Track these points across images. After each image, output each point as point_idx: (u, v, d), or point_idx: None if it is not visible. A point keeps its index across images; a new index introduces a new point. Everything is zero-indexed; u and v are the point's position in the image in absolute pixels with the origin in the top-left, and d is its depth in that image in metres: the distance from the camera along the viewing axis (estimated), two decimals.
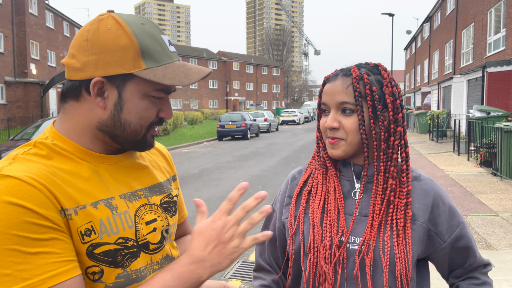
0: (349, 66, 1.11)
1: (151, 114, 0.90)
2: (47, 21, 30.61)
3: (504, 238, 4.96)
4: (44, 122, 10.58)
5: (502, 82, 13.76)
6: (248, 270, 4.39)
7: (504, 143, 8.08)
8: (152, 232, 0.93)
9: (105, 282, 0.84)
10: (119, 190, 0.91)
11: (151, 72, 0.85)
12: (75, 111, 0.89)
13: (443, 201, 1.09)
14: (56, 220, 0.78)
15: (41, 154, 0.85)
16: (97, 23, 0.86)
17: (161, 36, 0.89)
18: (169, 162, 1.12)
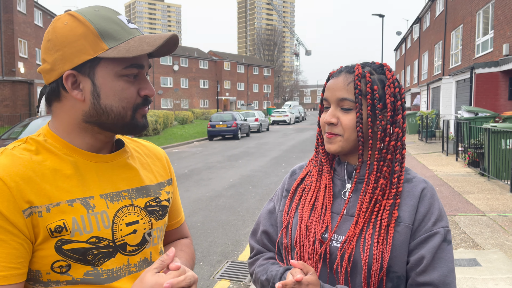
0: (353, 64, 1.11)
1: (130, 94, 0.90)
2: (36, 19, 30.25)
3: (491, 237, 5.01)
4: (31, 121, 10.46)
5: (490, 84, 13.93)
6: (236, 270, 4.37)
7: (491, 143, 8.17)
8: (131, 234, 0.93)
9: (72, 276, 0.86)
10: (101, 190, 0.92)
11: (114, 50, 0.86)
12: (60, 110, 0.92)
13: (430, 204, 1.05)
14: (16, 220, 0.80)
15: (30, 149, 0.89)
16: (54, 23, 0.89)
17: (118, 17, 0.91)
18: (165, 166, 1.11)
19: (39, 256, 0.85)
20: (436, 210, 1.05)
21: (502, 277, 3.87)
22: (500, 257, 4.35)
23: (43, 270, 0.86)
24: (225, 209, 6.92)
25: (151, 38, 0.89)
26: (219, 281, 4.10)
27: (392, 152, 1.06)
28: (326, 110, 1.11)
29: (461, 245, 4.81)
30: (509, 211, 6.09)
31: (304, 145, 18.34)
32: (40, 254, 0.85)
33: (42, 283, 0.86)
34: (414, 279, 1.03)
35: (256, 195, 8.03)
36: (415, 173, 1.14)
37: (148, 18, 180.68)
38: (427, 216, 1.04)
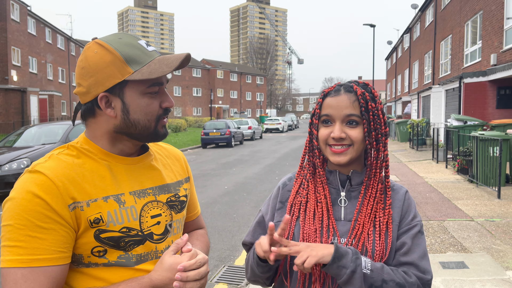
0: (347, 83, 1.23)
1: (154, 108, 1.08)
2: (29, 28, 30.27)
3: (479, 241, 5.19)
4: (26, 130, 10.47)
5: (478, 93, 14.24)
6: (233, 274, 4.49)
7: (479, 151, 8.39)
8: (156, 225, 1.11)
9: (108, 259, 1.04)
10: (130, 187, 1.09)
11: (139, 73, 1.03)
12: (95, 125, 1.10)
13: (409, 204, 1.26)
14: (63, 213, 0.98)
15: (71, 154, 1.07)
16: (85, 53, 1.06)
17: (138, 42, 1.08)
18: (183, 166, 1.30)
19: (81, 243, 1.02)
20: (413, 208, 1.26)
21: (489, 279, 4.04)
22: (487, 260, 4.53)
23: (85, 254, 1.03)
24: (221, 216, 7.04)
25: (169, 60, 1.06)
26: (216, 285, 4.22)
27: (385, 160, 1.23)
28: (326, 125, 1.21)
29: (450, 248, 4.98)
30: (496, 217, 6.29)
31: (297, 153, 18.51)
32: (82, 241, 1.02)
33: (84, 264, 1.04)
34: (397, 259, 1.20)
35: (250, 202, 8.16)
36: (392, 180, 1.32)
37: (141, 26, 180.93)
38: (407, 214, 1.24)
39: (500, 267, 4.31)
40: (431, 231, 5.68)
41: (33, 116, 26.47)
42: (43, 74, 32.99)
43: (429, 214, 6.57)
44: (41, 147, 9.14)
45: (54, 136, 9.87)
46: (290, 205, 1.29)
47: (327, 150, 1.21)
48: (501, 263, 4.44)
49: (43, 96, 29.20)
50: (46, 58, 33.21)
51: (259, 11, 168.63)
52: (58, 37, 36.62)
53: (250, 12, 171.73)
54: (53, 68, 35.31)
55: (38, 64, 31.87)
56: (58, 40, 36.67)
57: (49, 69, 34.40)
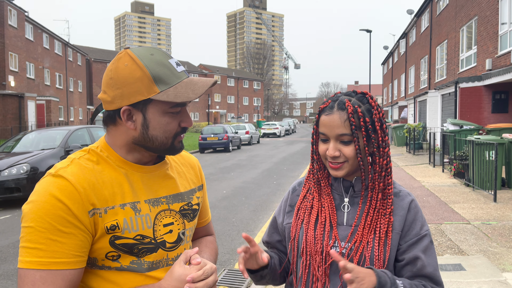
0: (342, 98, 1.24)
1: (173, 127, 1.11)
2: (27, 33, 30.32)
3: (475, 244, 5.25)
4: (24, 135, 10.48)
5: (474, 97, 14.38)
6: (233, 277, 4.54)
7: (475, 155, 8.47)
8: (168, 233, 1.14)
9: (121, 263, 1.08)
10: (145, 196, 1.12)
11: (164, 94, 1.05)
12: (115, 132, 1.13)
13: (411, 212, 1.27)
14: (83, 219, 1.01)
15: (92, 159, 1.10)
16: (116, 63, 1.07)
17: (169, 61, 1.09)
18: (197, 174, 1.33)
19: (96, 248, 1.05)
20: (421, 217, 1.28)
21: (485, 281, 4.10)
22: (484, 262, 4.59)
23: (99, 258, 1.07)
24: (220, 220, 7.08)
25: (196, 85, 1.08)
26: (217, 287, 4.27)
27: (384, 169, 1.26)
28: (323, 142, 1.26)
29: (447, 251, 5.04)
30: (492, 220, 6.36)
31: (295, 158, 18.57)
32: (98, 246, 1.05)
33: (97, 266, 1.08)
34: (414, 273, 1.24)
35: (249, 206, 8.21)
36: (400, 185, 1.35)
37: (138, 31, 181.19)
38: (414, 223, 1.26)
39: (497, 269, 4.38)
40: None
41: (30, 121, 26.45)
42: (41, 79, 33.00)
43: (426, 218, 6.64)
44: (40, 152, 9.17)
45: (53, 142, 9.89)
46: (297, 209, 1.35)
47: (327, 164, 1.27)
48: (497, 265, 4.50)
49: (41, 102, 29.20)
50: (43, 63, 33.23)
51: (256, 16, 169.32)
52: (56, 42, 36.66)
53: (247, 17, 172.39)
54: (51, 73, 35.33)
55: (35, 70, 31.88)
56: (56, 46, 36.70)
57: (46, 75, 34.42)
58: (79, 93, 43.36)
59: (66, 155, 9.52)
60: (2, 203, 8.81)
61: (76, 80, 42.51)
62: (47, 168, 8.77)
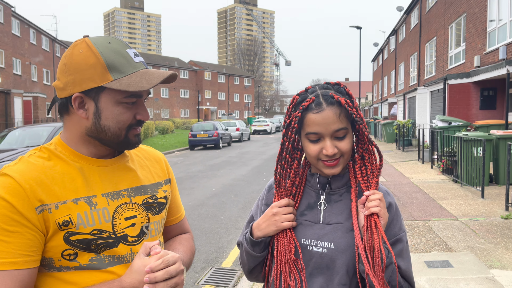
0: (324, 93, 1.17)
1: (127, 118, 1.06)
2: (13, 29, 29.81)
3: (463, 240, 5.26)
4: (10, 132, 10.29)
5: (462, 94, 14.47)
6: (220, 276, 4.48)
7: (463, 151, 8.51)
8: (130, 227, 1.09)
9: (79, 262, 1.03)
10: (103, 189, 1.07)
11: (118, 82, 1.02)
12: (69, 123, 1.10)
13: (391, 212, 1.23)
14: (30, 216, 0.97)
15: (43, 156, 1.06)
16: (72, 49, 1.05)
17: (126, 51, 1.06)
18: (163, 168, 1.28)
19: (51, 246, 1.00)
20: (400, 218, 1.25)
21: (473, 277, 4.10)
22: (471, 259, 4.59)
23: (55, 257, 1.02)
24: (208, 218, 7.01)
25: (152, 76, 1.05)
26: (203, 287, 4.20)
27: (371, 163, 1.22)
28: (314, 143, 1.18)
29: (434, 248, 5.04)
30: (480, 216, 6.38)
31: None
32: (52, 244, 1.00)
33: (55, 268, 1.02)
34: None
35: (238, 203, 8.15)
36: (381, 184, 1.29)
37: (128, 27, 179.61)
38: (393, 223, 1.22)
39: (484, 266, 4.38)
40: (416, 231, 5.74)
41: (17, 118, 26.05)
42: (28, 75, 32.52)
43: (415, 214, 6.64)
44: (24, 149, 8.99)
45: (38, 139, 9.71)
46: None
47: (319, 163, 1.20)
48: (484, 261, 4.50)
49: (28, 98, 28.76)
50: (30, 59, 32.74)
51: (247, 12, 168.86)
52: (43, 38, 36.13)
53: (238, 13, 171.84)
54: (38, 69, 34.83)
55: (22, 66, 31.38)
56: (43, 41, 36.17)
57: (33, 71, 33.92)
58: None
59: None
60: None
61: None
62: None
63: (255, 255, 1.24)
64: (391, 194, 1.29)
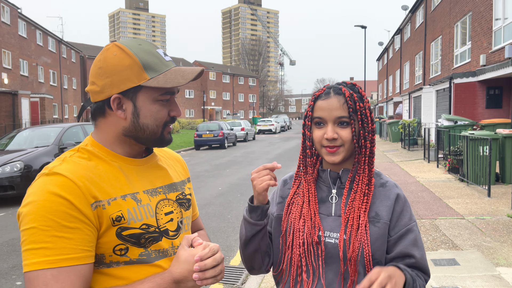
0: (335, 85, 1.29)
1: (163, 115, 1.12)
2: (20, 30, 30.06)
3: (469, 239, 5.28)
4: (18, 133, 10.41)
5: (468, 93, 14.43)
6: (229, 274, 4.54)
7: (469, 150, 8.51)
8: (169, 222, 1.16)
9: (129, 257, 1.06)
10: (143, 187, 1.13)
11: (155, 80, 1.07)
12: (104, 125, 1.13)
13: (399, 203, 1.29)
14: (87, 212, 1.00)
15: (83, 156, 1.10)
16: (104, 53, 1.09)
17: (157, 50, 1.12)
18: (184, 167, 1.36)
19: (103, 242, 1.03)
20: (409, 208, 1.31)
21: (479, 275, 4.13)
22: (478, 257, 4.62)
23: (106, 253, 1.05)
24: (215, 217, 7.08)
25: (185, 72, 1.11)
26: (211, 285, 4.26)
27: (373, 155, 1.30)
28: (319, 127, 1.28)
29: (441, 246, 5.07)
30: (486, 214, 6.40)
31: (290, 154, 18.59)
32: (104, 240, 1.03)
33: (105, 264, 1.05)
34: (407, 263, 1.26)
35: (244, 202, 8.20)
36: (386, 176, 1.37)
37: (133, 28, 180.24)
38: (403, 214, 1.28)
39: (490, 264, 4.41)
40: (423, 229, 5.77)
41: (24, 119, 26.27)
42: (34, 76, 32.77)
43: (421, 213, 6.67)
44: (34, 150, 9.11)
45: (47, 139, 9.83)
46: (288, 204, 1.36)
47: (323, 150, 1.28)
48: (491, 259, 4.53)
49: (35, 99, 28.99)
50: (37, 60, 32.99)
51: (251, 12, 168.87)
52: (49, 39, 36.39)
53: (242, 13, 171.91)
54: (44, 70, 35.08)
55: (29, 67, 31.63)
56: (49, 43, 36.43)
57: (40, 72, 34.18)
58: (73, 90, 43.11)
59: (60, 153, 9.46)
60: None
61: (70, 77, 42.25)
62: (41, 165, 8.73)
63: (252, 221, 1.29)
64: (398, 186, 1.34)
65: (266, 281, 4.18)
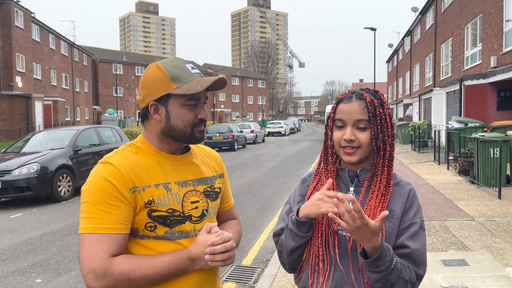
0: (358, 91, 1.39)
1: (190, 117, 1.36)
2: (33, 34, 30.59)
3: (479, 240, 5.32)
4: (33, 136, 10.62)
5: (479, 95, 14.38)
6: (241, 273, 4.64)
7: (480, 152, 8.52)
8: (194, 209, 1.40)
9: (157, 233, 1.33)
10: (175, 178, 1.38)
11: (179, 89, 1.32)
12: (148, 126, 1.41)
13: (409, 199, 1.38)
14: (126, 194, 1.28)
15: (132, 150, 1.39)
16: (146, 70, 1.38)
17: (185, 65, 1.38)
18: (219, 164, 1.59)
19: (137, 219, 1.30)
20: (416, 205, 1.39)
21: (489, 275, 4.18)
22: (487, 258, 4.66)
23: (140, 228, 1.32)
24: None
25: (204, 81, 1.35)
26: (225, 283, 4.37)
27: (392, 158, 1.39)
28: (339, 129, 1.37)
29: (451, 247, 5.12)
30: (496, 216, 6.42)
31: (300, 156, 18.64)
32: (138, 218, 1.30)
33: (139, 236, 1.33)
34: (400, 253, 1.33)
35: (255, 204, 8.31)
36: (400, 176, 1.46)
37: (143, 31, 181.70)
38: (410, 209, 1.37)
39: (500, 264, 4.45)
40: (433, 231, 5.82)
41: (37, 121, 26.70)
42: (47, 80, 33.28)
43: (431, 215, 6.71)
44: (49, 152, 9.32)
45: (61, 141, 10.04)
46: (308, 198, 1.45)
47: (341, 150, 1.38)
48: (500, 260, 4.57)
49: (48, 102, 29.46)
50: (50, 64, 33.48)
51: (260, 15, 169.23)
52: (62, 43, 36.95)
53: (251, 16, 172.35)
54: (57, 74, 35.61)
55: (42, 70, 32.15)
56: (62, 46, 36.98)
57: (53, 75, 34.70)
58: (85, 93, 43.65)
59: (75, 155, 9.68)
60: (14, 202, 8.98)
61: (82, 81, 42.80)
62: (57, 167, 8.94)
63: (300, 234, 1.37)
64: (410, 183, 1.44)
65: (277, 280, 4.27)
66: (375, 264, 1.23)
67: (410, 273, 1.29)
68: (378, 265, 1.23)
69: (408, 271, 1.29)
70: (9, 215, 7.77)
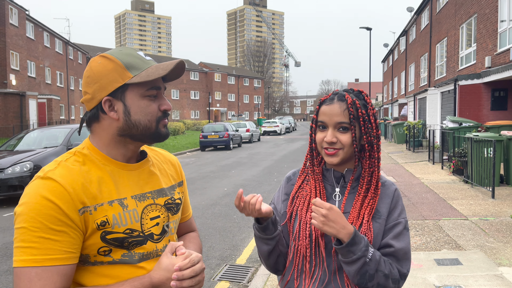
0: (341, 92, 1.38)
1: (153, 110, 1.17)
2: (28, 32, 30.37)
3: (472, 239, 5.34)
4: (27, 134, 10.55)
5: (473, 95, 14.44)
6: (235, 272, 4.63)
7: (474, 152, 8.55)
8: (155, 226, 1.21)
9: (112, 257, 1.13)
10: (132, 192, 1.18)
11: (137, 77, 1.13)
12: (98, 129, 1.19)
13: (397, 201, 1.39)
14: (74, 217, 1.07)
15: (78, 160, 1.16)
16: (90, 64, 1.17)
17: (137, 53, 1.20)
18: (177, 171, 1.40)
19: (88, 244, 1.10)
20: (400, 205, 1.40)
21: (482, 274, 4.19)
22: (480, 257, 4.68)
23: (91, 254, 1.12)
24: (221, 217, 7.18)
25: (164, 65, 1.17)
26: (219, 282, 4.36)
27: (379, 161, 1.38)
28: (321, 130, 1.37)
29: (444, 246, 5.13)
30: (490, 216, 6.45)
31: (295, 155, 18.66)
32: (90, 242, 1.10)
33: (90, 263, 1.13)
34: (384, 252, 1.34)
35: None
36: (385, 177, 1.47)
37: (138, 30, 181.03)
38: (394, 210, 1.38)
39: (493, 264, 4.47)
40: (426, 230, 5.83)
41: (32, 120, 26.54)
42: (42, 78, 33.08)
43: (425, 214, 6.73)
44: (43, 150, 9.25)
45: (55, 140, 9.98)
46: (292, 198, 1.45)
47: (323, 152, 1.37)
48: (493, 259, 4.59)
49: (42, 100, 29.28)
50: (44, 62, 33.28)
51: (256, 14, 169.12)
52: (56, 41, 36.71)
53: (247, 15, 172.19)
54: (52, 72, 35.40)
55: (36, 68, 31.94)
56: (56, 44, 36.75)
57: (47, 73, 34.49)
58: (79, 92, 43.43)
59: None
60: (6, 201, 8.92)
61: (77, 79, 42.58)
62: None
63: (270, 237, 1.38)
64: (395, 184, 1.44)
65: (271, 279, 4.27)
66: (349, 250, 1.23)
67: (391, 269, 1.29)
68: (353, 251, 1.23)
69: (389, 266, 1.29)
70: (2, 214, 7.72)
